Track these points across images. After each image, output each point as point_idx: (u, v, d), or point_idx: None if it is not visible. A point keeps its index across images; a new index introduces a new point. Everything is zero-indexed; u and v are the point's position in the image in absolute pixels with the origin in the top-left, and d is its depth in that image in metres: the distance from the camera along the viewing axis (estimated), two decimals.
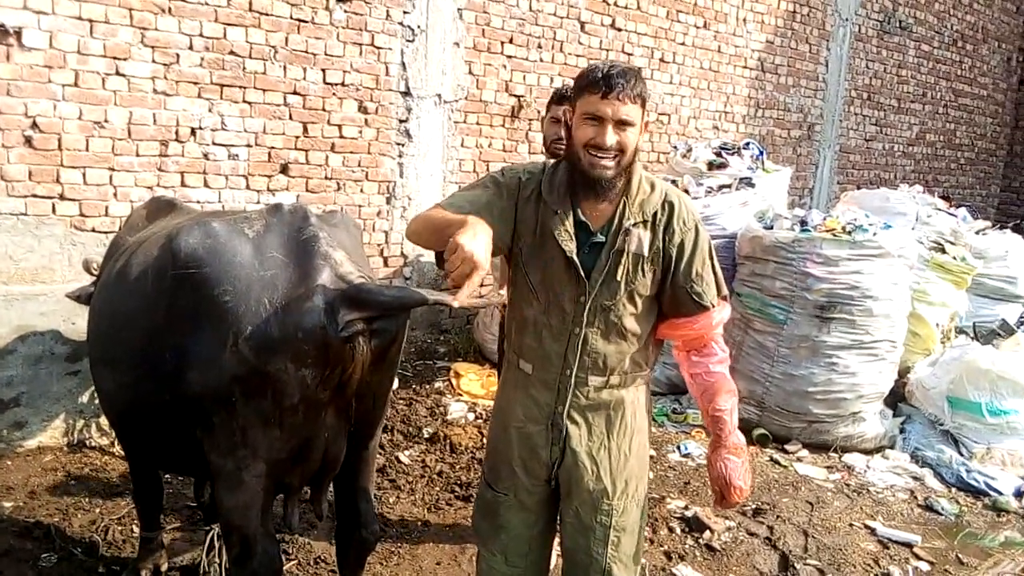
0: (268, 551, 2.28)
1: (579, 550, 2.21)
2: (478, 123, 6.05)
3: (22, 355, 4.16)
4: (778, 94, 8.36)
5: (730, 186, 5.78)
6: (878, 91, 9.46)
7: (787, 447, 4.87)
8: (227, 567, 2.65)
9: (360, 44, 5.29)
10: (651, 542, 3.63)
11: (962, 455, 4.68)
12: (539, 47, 6.30)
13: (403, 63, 5.52)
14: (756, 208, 5.59)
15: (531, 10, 6.20)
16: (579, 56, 6.49)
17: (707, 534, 3.73)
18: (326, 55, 5.13)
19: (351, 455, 2.46)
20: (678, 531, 3.78)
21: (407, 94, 5.58)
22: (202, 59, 4.64)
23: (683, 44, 7.37)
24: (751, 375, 5.05)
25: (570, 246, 2.08)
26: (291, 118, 5.05)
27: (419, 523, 3.73)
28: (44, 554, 3.25)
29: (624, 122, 2.00)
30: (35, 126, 4.17)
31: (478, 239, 1.81)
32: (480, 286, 2.00)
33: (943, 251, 5.69)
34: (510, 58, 6.14)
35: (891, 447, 4.93)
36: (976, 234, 6.37)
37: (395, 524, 3.68)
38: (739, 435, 2.23)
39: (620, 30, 6.83)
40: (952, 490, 4.46)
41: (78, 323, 4.03)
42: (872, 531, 3.92)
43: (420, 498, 3.95)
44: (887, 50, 9.43)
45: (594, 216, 2.12)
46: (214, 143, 4.77)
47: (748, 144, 6.39)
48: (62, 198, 4.30)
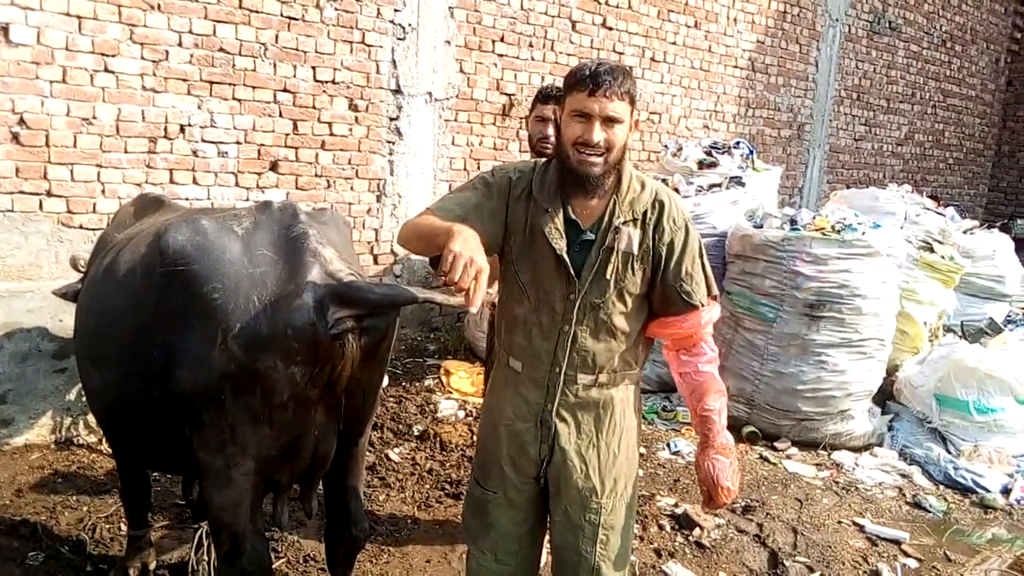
0: (257, 549, 2.27)
1: (568, 548, 2.21)
2: (469, 121, 6.04)
3: (9, 352, 4.13)
4: (768, 94, 8.39)
5: (720, 185, 5.79)
6: (867, 91, 9.50)
7: (776, 445, 4.89)
8: (216, 565, 2.63)
9: (351, 42, 5.28)
10: (641, 539, 3.64)
11: (950, 453, 4.71)
12: (530, 46, 6.30)
13: (394, 61, 5.51)
14: (746, 207, 5.61)
15: (522, 9, 6.20)
16: (570, 55, 6.50)
17: (697, 531, 3.74)
18: (316, 53, 5.12)
19: (341, 453, 2.46)
20: (668, 528, 3.78)
21: (398, 92, 5.57)
22: (191, 56, 4.62)
23: (674, 43, 7.38)
24: (741, 373, 5.07)
25: (560, 244, 2.08)
26: (281, 115, 5.03)
27: (409, 521, 3.72)
28: (31, 552, 3.22)
29: (611, 119, 2.00)
30: (22, 122, 4.14)
31: (469, 243, 1.82)
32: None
33: (931, 250, 5.72)
34: (501, 56, 6.13)
35: (879, 445, 4.95)
36: (964, 233, 6.41)
37: (385, 522, 3.68)
38: (727, 435, 2.23)
39: (611, 29, 6.84)
40: (940, 487, 4.49)
41: (65, 320, 4.00)
42: (861, 528, 3.94)
43: (410, 496, 3.95)
44: (877, 50, 9.47)
45: (584, 214, 2.12)
46: (203, 140, 4.74)
47: (738, 143, 6.40)
48: (49, 195, 4.28)
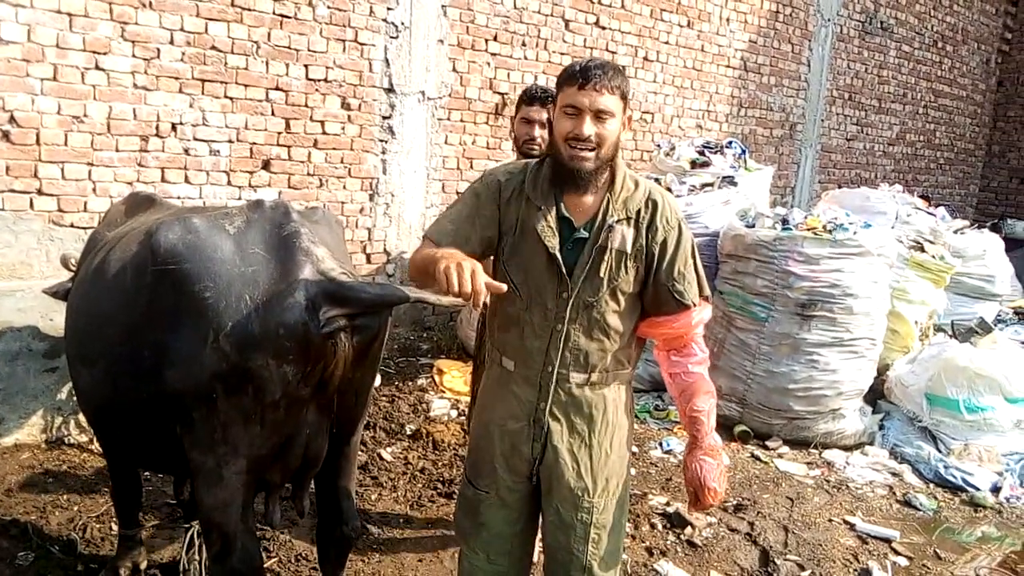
0: (248, 548, 2.27)
1: (560, 548, 2.21)
2: (462, 120, 6.04)
3: None
4: (761, 93, 8.41)
5: (713, 184, 5.80)
6: (859, 91, 9.53)
7: (768, 443, 4.90)
8: (207, 564, 2.63)
9: (343, 40, 5.27)
10: (633, 538, 3.65)
11: (940, 451, 4.73)
12: (523, 45, 6.30)
13: (387, 60, 5.50)
14: (738, 207, 5.63)
15: (515, 8, 6.20)
16: (563, 54, 6.50)
17: (688, 530, 3.75)
18: (309, 51, 5.11)
19: (333, 452, 2.46)
20: (660, 527, 3.79)
21: (391, 91, 5.56)
22: (183, 54, 4.60)
23: (667, 43, 7.39)
24: (733, 372, 5.08)
25: (552, 242, 2.08)
26: (273, 114, 5.02)
27: (401, 520, 3.72)
28: (21, 552, 3.21)
29: (602, 112, 2.01)
30: (13, 120, 4.12)
31: (454, 256, 1.88)
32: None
33: (922, 250, 5.75)
34: (494, 55, 6.13)
35: (870, 443, 4.97)
36: (955, 233, 6.45)
37: (377, 521, 3.68)
38: (716, 437, 2.24)
39: (604, 28, 6.84)
40: (930, 486, 4.51)
41: (56, 319, 3.99)
42: (851, 526, 3.96)
43: (402, 495, 3.95)
44: (868, 50, 9.50)
45: (578, 212, 2.12)
46: (195, 138, 4.73)
47: (731, 143, 6.42)
48: (40, 193, 4.26)
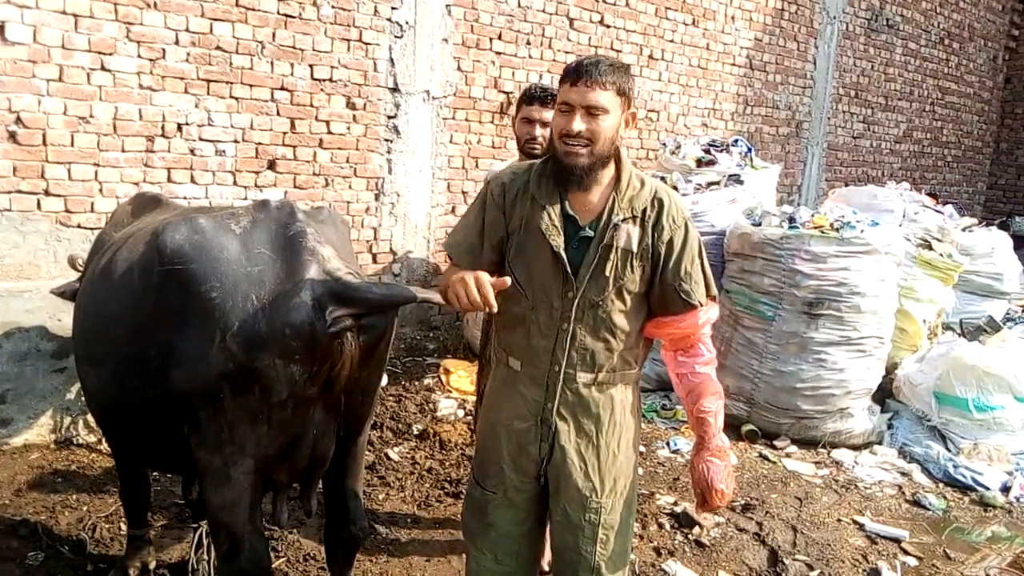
0: (256, 548, 2.27)
1: (568, 548, 2.20)
2: (467, 119, 6.03)
3: (7, 352, 4.12)
4: (766, 91, 8.38)
5: (719, 183, 5.79)
6: (865, 89, 9.50)
7: (776, 443, 4.89)
8: (215, 564, 2.63)
9: (348, 40, 5.27)
10: (640, 538, 3.64)
11: (949, 450, 4.71)
12: (528, 43, 6.29)
13: (391, 59, 5.50)
14: (745, 205, 5.61)
15: (520, 6, 6.19)
16: (568, 53, 6.49)
17: (696, 530, 3.74)
18: (314, 51, 5.10)
19: (340, 452, 2.45)
20: (667, 527, 3.78)
21: (395, 90, 5.56)
22: (188, 54, 4.61)
23: (672, 41, 7.38)
24: (740, 371, 5.07)
25: (557, 240, 2.08)
26: (278, 114, 5.02)
27: (409, 520, 3.72)
28: (31, 552, 3.22)
29: (593, 108, 2.00)
30: (19, 121, 4.12)
31: (456, 272, 2.00)
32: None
33: (930, 248, 5.72)
34: (499, 54, 6.13)
35: (879, 443, 4.95)
36: (963, 231, 6.41)
37: (384, 521, 3.67)
38: (723, 438, 2.23)
39: (609, 27, 6.83)
40: (939, 485, 4.49)
41: (64, 320, 3.99)
42: (860, 526, 3.94)
43: (410, 495, 3.95)
44: (874, 48, 9.47)
45: (583, 210, 2.11)
46: (201, 139, 4.73)
47: (737, 141, 6.40)
48: (47, 194, 4.26)
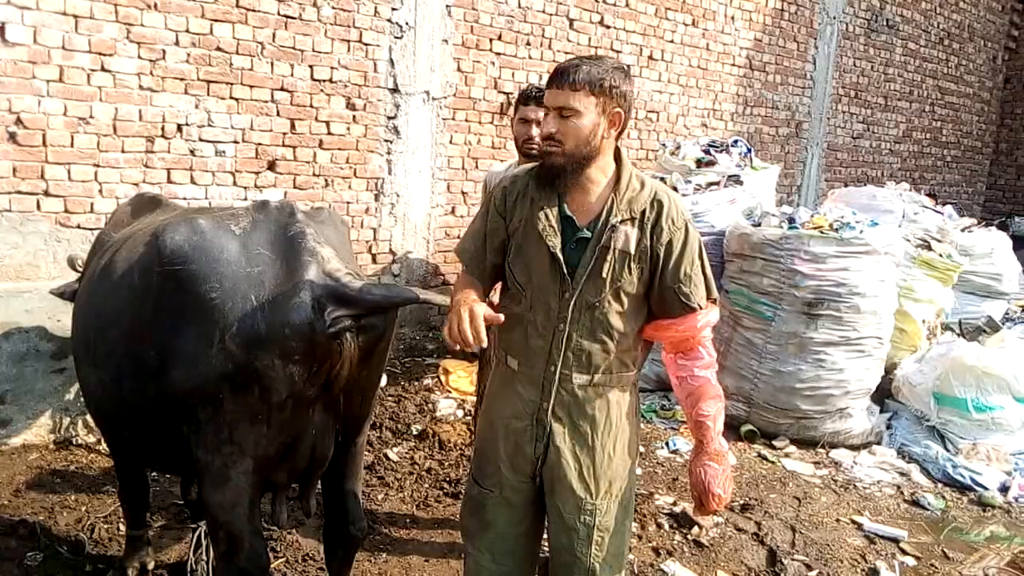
0: (255, 548, 2.27)
1: (563, 550, 2.21)
2: (467, 120, 6.03)
3: (7, 352, 4.13)
4: (766, 92, 8.39)
5: (718, 183, 5.79)
6: (865, 89, 9.50)
7: (775, 443, 4.89)
8: (214, 564, 2.63)
9: (348, 40, 5.27)
10: (639, 538, 3.64)
11: (948, 451, 4.71)
12: (528, 44, 6.29)
13: (391, 60, 5.50)
14: (744, 205, 5.61)
15: (520, 7, 6.19)
16: (567, 53, 6.48)
17: (695, 530, 3.75)
18: (313, 51, 5.11)
19: (339, 452, 2.46)
20: (666, 527, 3.79)
21: (395, 91, 5.56)
22: (188, 55, 4.61)
23: (671, 42, 7.38)
24: (739, 372, 5.07)
25: (554, 241, 2.08)
26: (278, 115, 5.02)
27: (408, 520, 3.72)
28: (29, 552, 3.22)
29: (564, 109, 2.02)
30: (19, 122, 4.13)
31: (462, 302, 1.98)
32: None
33: (929, 248, 5.73)
34: (499, 55, 6.13)
35: (878, 443, 4.95)
36: (962, 231, 6.42)
37: (384, 521, 3.68)
38: (722, 442, 2.23)
39: (609, 27, 6.83)
40: (938, 485, 4.49)
41: (63, 320, 3.99)
42: (859, 526, 3.95)
43: (409, 495, 3.95)
44: (874, 48, 9.47)
45: (580, 211, 2.12)
46: (201, 139, 4.74)
47: (736, 142, 6.40)
48: (47, 194, 4.27)
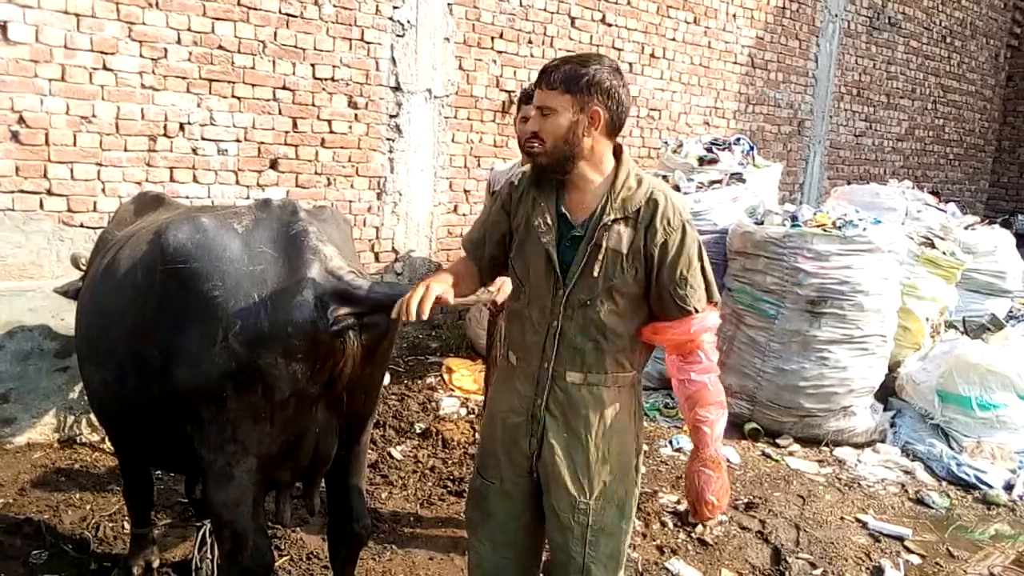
0: (260, 546, 2.27)
1: (559, 548, 2.22)
2: (469, 118, 6.04)
3: (10, 351, 4.13)
4: (768, 90, 8.38)
5: (721, 182, 5.78)
6: (867, 87, 9.49)
7: (778, 441, 4.88)
8: (219, 563, 2.63)
9: (350, 39, 5.27)
10: (643, 536, 3.64)
11: (952, 449, 4.70)
12: (529, 42, 6.29)
13: (393, 58, 5.50)
14: (747, 203, 5.60)
15: (521, 5, 6.19)
16: (569, 51, 6.46)
17: (699, 528, 3.74)
18: (315, 50, 5.11)
19: (342, 450, 2.45)
20: (670, 525, 3.78)
21: (397, 89, 5.56)
22: (190, 54, 4.61)
23: (673, 40, 7.38)
24: (742, 370, 5.06)
25: (547, 238, 2.10)
26: (280, 113, 5.02)
27: (411, 518, 3.72)
28: (34, 551, 3.22)
29: (543, 109, 2.06)
30: (22, 121, 4.13)
31: (434, 277, 2.10)
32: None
33: (933, 246, 5.71)
34: (500, 53, 6.13)
35: (882, 441, 4.94)
36: (965, 229, 6.41)
37: (387, 519, 3.67)
38: (719, 448, 2.20)
39: (611, 25, 6.83)
40: (942, 483, 4.48)
41: (67, 319, 4.00)
42: (863, 525, 3.94)
43: (412, 493, 3.95)
44: (876, 46, 9.46)
45: (576, 210, 2.13)
46: (203, 138, 4.74)
47: (738, 140, 6.39)
48: (49, 193, 4.27)
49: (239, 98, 4.84)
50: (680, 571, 3.40)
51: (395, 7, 5.44)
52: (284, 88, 5.01)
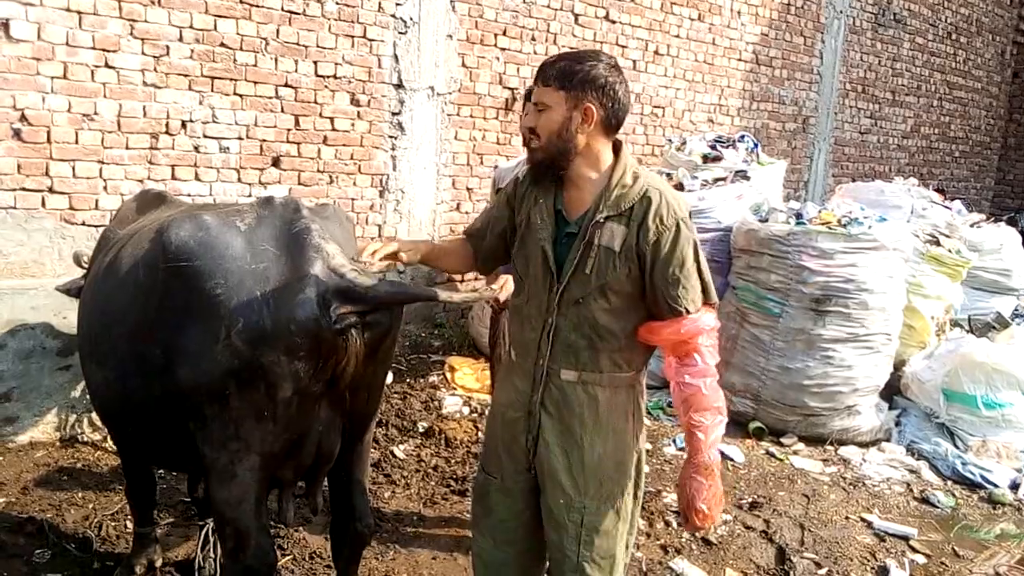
0: (262, 545, 2.26)
1: (554, 546, 2.21)
2: (471, 116, 6.02)
3: (13, 349, 4.12)
4: (773, 87, 8.35)
5: (725, 179, 5.76)
6: (873, 84, 9.46)
7: (783, 440, 4.87)
8: (222, 561, 2.62)
9: (352, 36, 5.25)
10: (648, 536, 3.62)
11: (958, 448, 4.68)
12: (533, 39, 6.27)
13: (396, 55, 5.48)
14: (751, 201, 5.58)
15: (524, 2, 6.17)
16: (573, 49, 6.45)
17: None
18: (318, 47, 5.09)
19: (345, 449, 2.45)
20: (674, 524, 3.76)
21: (400, 87, 5.55)
22: (192, 51, 4.60)
23: (677, 37, 7.35)
24: (747, 368, 5.04)
25: (543, 235, 2.11)
26: (283, 111, 5.01)
27: (414, 517, 3.71)
28: (37, 550, 3.22)
29: (538, 104, 2.07)
30: (24, 119, 4.12)
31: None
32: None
33: (938, 244, 5.68)
34: (503, 50, 6.11)
35: (887, 440, 4.93)
36: (971, 227, 6.37)
37: (390, 518, 3.67)
38: (714, 455, 2.11)
39: (614, 22, 6.81)
40: (948, 483, 4.46)
41: (69, 317, 3.99)
42: (868, 524, 3.92)
43: (415, 492, 3.94)
44: (881, 43, 9.43)
45: (572, 207, 2.13)
46: (205, 136, 4.73)
47: (743, 137, 6.37)
48: (51, 191, 4.26)
49: (241, 96, 4.82)
50: (684, 570, 3.39)
51: (398, 4, 5.43)
52: (286, 86, 4.99)
